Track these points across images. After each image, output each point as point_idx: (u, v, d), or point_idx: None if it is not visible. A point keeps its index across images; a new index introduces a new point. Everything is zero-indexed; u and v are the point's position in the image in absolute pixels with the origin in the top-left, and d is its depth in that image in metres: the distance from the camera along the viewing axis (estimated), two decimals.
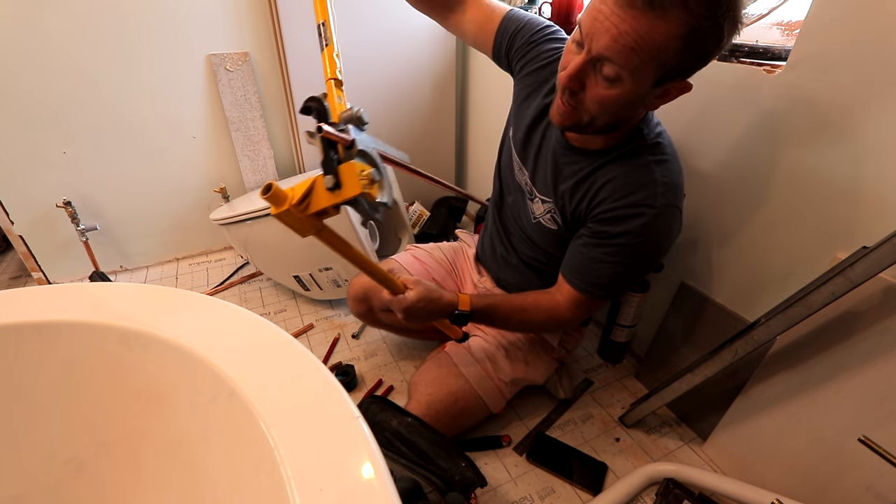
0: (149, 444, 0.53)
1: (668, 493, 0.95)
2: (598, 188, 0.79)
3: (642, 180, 0.75)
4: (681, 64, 0.63)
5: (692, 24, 0.57)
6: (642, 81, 0.64)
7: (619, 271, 0.80)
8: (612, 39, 0.60)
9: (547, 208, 0.90)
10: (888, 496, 0.74)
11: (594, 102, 0.68)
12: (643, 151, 0.76)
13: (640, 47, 0.60)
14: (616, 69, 0.62)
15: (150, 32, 1.45)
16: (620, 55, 0.61)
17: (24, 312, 0.53)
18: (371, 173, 0.60)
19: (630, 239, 0.77)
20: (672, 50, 0.60)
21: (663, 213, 0.75)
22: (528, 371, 1.06)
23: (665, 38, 0.59)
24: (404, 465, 0.78)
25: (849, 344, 0.77)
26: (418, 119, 1.91)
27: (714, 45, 0.61)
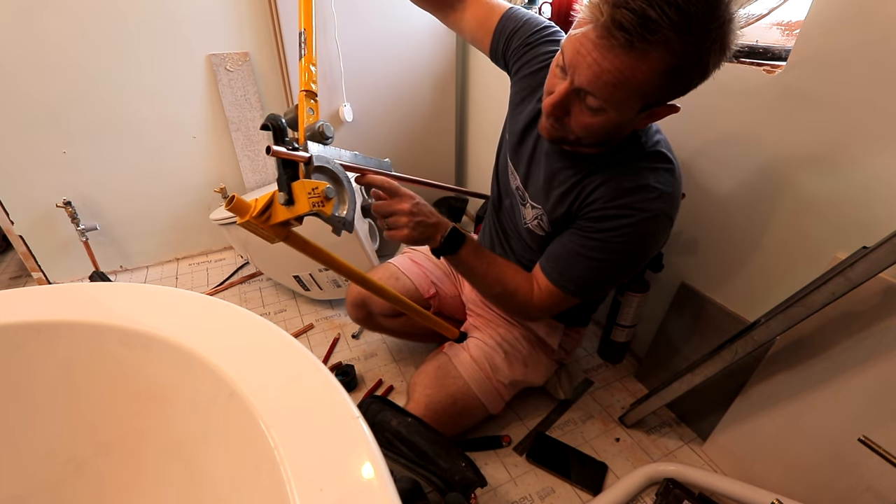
0: (149, 444, 0.53)
1: (668, 493, 0.95)
2: (590, 191, 0.78)
3: (637, 184, 0.74)
4: (666, 95, 0.64)
5: (674, 61, 0.57)
6: (626, 111, 0.65)
7: (595, 268, 0.79)
8: (594, 76, 0.61)
9: (536, 214, 0.89)
10: (888, 496, 0.74)
11: (579, 128, 0.69)
12: (639, 158, 0.76)
13: (621, 84, 0.60)
14: (599, 102, 0.63)
15: (150, 33, 1.45)
16: (603, 91, 0.61)
17: (23, 312, 0.53)
18: (325, 190, 0.62)
19: (612, 236, 0.76)
20: (654, 85, 0.60)
21: (653, 219, 0.74)
22: (527, 373, 1.06)
23: (647, 76, 0.59)
24: (404, 465, 0.78)
25: (849, 344, 0.77)
26: (418, 119, 1.91)
27: (699, 76, 0.61)
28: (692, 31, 0.55)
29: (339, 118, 1.73)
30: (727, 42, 0.59)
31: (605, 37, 0.57)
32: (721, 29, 0.57)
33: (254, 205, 0.63)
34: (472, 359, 1.03)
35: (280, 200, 0.62)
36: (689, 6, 0.54)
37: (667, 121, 1.04)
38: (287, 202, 0.62)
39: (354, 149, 1.66)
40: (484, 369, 1.02)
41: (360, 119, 1.79)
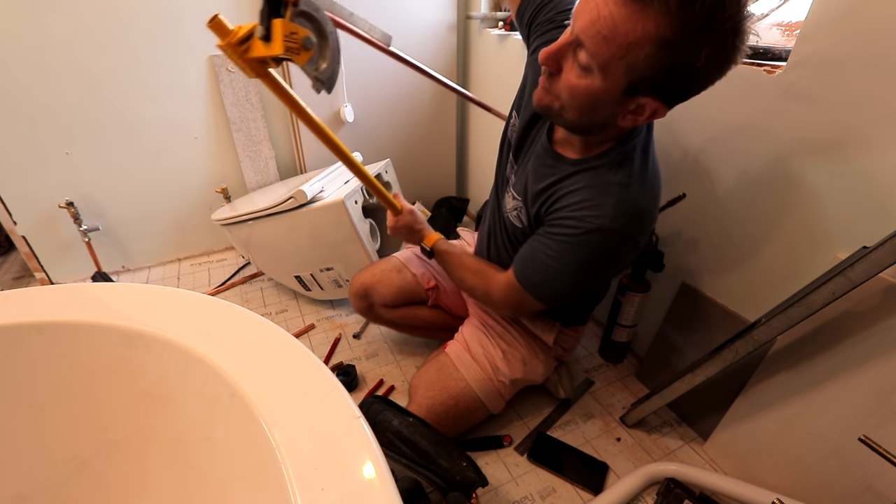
0: (151, 444, 0.54)
1: (669, 493, 0.95)
2: (561, 195, 0.78)
3: (599, 200, 0.73)
4: (652, 74, 0.60)
5: (667, 32, 0.55)
6: (612, 80, 0.62)
7: (553, 275, 0.80)
8: (590, 22, 0.59)
9: (515, 205, 0.90)
10: (888, 496, 0.74)
11: (565, 89, 0.67)
12: (614, 170, 0.74)
13: (612, 37, 0.58)
14: (588, 58, 0.61)
15: (152, 34, 1.45)
16: (593, 41, 0.60)
17: (26, 312, 0.53)
18: (304, 39, 0.58)
19: (568, 247, 0.76)
20: (643, 53, 0.58)
21: (610, 237, 0.74)
22: (527, 371, 1.06)
23: (638, 36, 0.57)
24: (405, 464, 0.78)
25: (849, 344, 0.77)
26: (419, 119, 1.92)
27: (687, 66, 0.58)
28: (695, 7, 0.53)
29: (340, 119, 1.74)
30: (725, 52, 0.57)
31: None
32: (724, 27, 0.55)
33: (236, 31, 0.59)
34: (473, 359, 1.03)
35: (257, 34, 0.58)
36: None
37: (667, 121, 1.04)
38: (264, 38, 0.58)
39: (356, 149, 1.66)
40: (485, 369, 1.02)
41: (361, 120, 1.79)
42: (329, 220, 1.31)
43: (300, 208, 1.31)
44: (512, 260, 0.92)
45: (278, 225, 1.38)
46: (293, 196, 1.28)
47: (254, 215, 1.41)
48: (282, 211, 1.33)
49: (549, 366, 1.11)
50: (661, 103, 0.64)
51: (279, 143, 1.80)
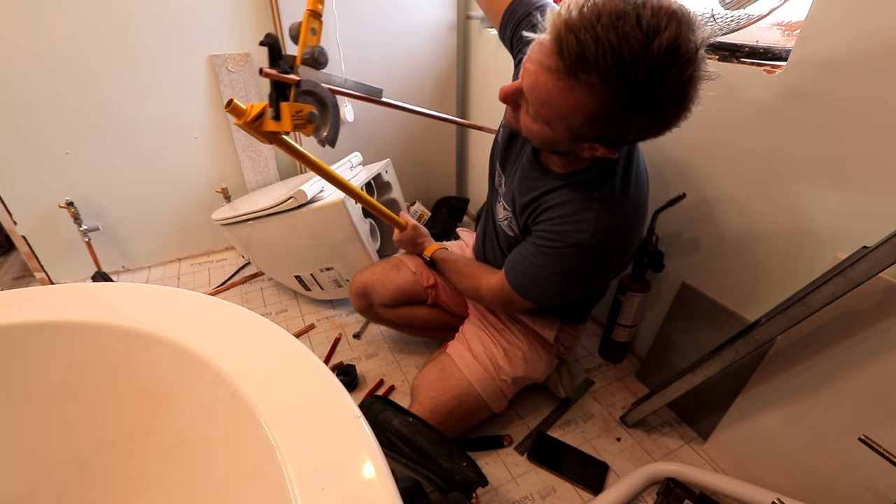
0: (151, 444, 0.54)
1: (669, 493, 0.95)
2: (545, 207, 0.81)
3: (580, 216, 0.75)
4: (593, 135, 0.63)
5: (595, 108, 0.57)
6: (557, 131, 0.65)
7: (541, 279, 0.83)
8: (530, 87, 0.62)
9: (506, 215, 0.93)
10: (888, 496, 0.74)
11: (523, 127, 0.70)
12: (597, 184, 0.76)
13: (549, 104, 0.61)
14: (532, 110, 0.64)
15: (151, 34, 1.45)
16: (533, 105, 0.63)
17: (27, 312, 0.53)
18: (308, 114, 0.70)
19: (551, 258, 0.79)
20: (578, 121, 0.61)
21: (591, 251, 0.76)
22: (529, 369, 1.06)
23: (571, 109, 0.59)
24: (405, 464, 0.78)
25: (849, 344, 0.77)
26: (419, 119, 1.91)
27: (622, 133, 0.61)
28: (623, 87, 0.54)
29: (340, 119, 1.74)
30: (661, 120, 0.59)
31: (547, 54, 0.57)
32: (661, 99, 0.56)
33: (249, 110, 0.68)
34: (475, 358, 1.03)
35: (269, 115, 0.69)
36: (632, 65, 0.52)
37: None
38: (274, 117, 0.69)
39: (356, 149, 1.67)
40: (487, 369, 1.02)
41: (361, 119, 1.79)
42: (329, 219, 1.32)
43: (300, 208, 1.31)
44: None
45: (278, 225, 1.38)
46: (293, 196, 1.28)
47: (254, 215, 1.41)
48: (282, 211, 1.33)
49: (550, 363, 1.12)
50: (608, 148, 0.66)
51: None
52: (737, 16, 0.90)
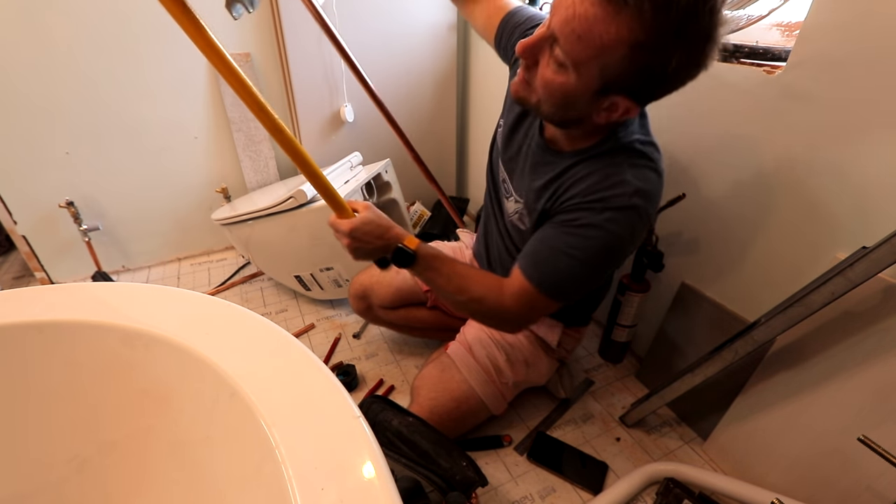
0: (151, 444, 0.54)
1: (669, 493, 0.95)
2: (568, 185, 0.76)
3: (614, 179, 0.72)
4: (625, 77, 0.61)
5: (641, 35, 0.56)
6: (585, 79, 0.62)
7: (573, 265, 0.74)
8: (566, 20, 0.59)
9: (517, 208, 0.89)
10: (888, 495, 0.74)
11: (541, 83, 0.67)
12: (619, 153, 0.74)
13: (586, 37, 0.58)
14: (563, 55, 0.61)
15: (151, 33, 1.45)
16: (568, 40, 0.60)
17: (26, 312, 0.53)
18: None
19: (591, 231, 0.73)
20: (616, 56, 0.58)
21: (630, 214, 0.71)
22: (530, 373, 1.06)
23: (612, 39, 0.57)
24: (405, 464, 0.78)
25: (849, 344, 0.77)
26: (419, 119, 1.92)
27: (659, 69, 0.59)
28: (669, 13, 0.54)
29: (340, 118, 1.74)
30: (695, 57, 0.58)
31: None
32: (697, 33, 0.56)
33: None
34: (476, 360, 1.03)
35: None
36: None
37: (666, 121, 1.04)
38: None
39: (356, 149, 1.66)
40: (487, 371, 1.02)
41: (361, 119, 1.79)
42: None
43: (300, 208, 1.31)
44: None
45: (278, 225, 1.39)
46: (293, 196, 1.28)
47: (254, 215, 1.41)
48: (282, 211, 1.33)
49: (551, 367, 1.11)
50: (633, 102, 0.65)
51: None
52: (736, 16, 0.90)
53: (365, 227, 0.78)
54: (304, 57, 1.59)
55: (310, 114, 1.70)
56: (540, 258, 0.77)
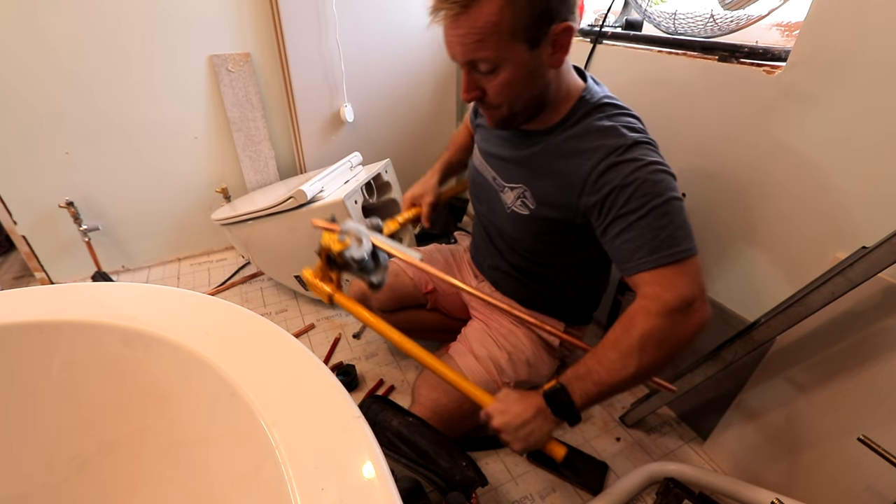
0: (151, 444, 0.54)
1: (669, 493, 0.95)
2: (567, 154, 0.77)
3: (604, 131, 0.74)
4: (531, 18, 0.65)
5: None
6: (515, 54, 0.68)
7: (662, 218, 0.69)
8: (462, 45, 0.68)
9: (517, 194, 0.88)
10: (888, 495, 0.74)
11: (498, 95, 0.73)
12: (592, 112, 0.77)
13: (483, 34, 0.65)
14: (487, 63, 0.69)
15: (151, 34, 1.45)
16: (477, 51, 0.68)
17: (26, 312, 0.53)
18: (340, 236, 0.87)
19: (636, 187, 0.69)
20: (509, 17, 0.64)
21: (639, 146, 0.72)
22: (531, 373, 1.06)
23: (495, 13, 0.64)
24: (405, 464, 0.78)
25: (849, 344, 0.77)
26: (419, 119, 1.92)
27: None
28: None
29: (339, 118, 1.74)
30: None
31: (446, 18, 0.66)
32: None
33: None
34: (477, 360, 1.03)
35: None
36: None
37: (667, 121, 1.04)
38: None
39: (356, 149, 1.66)
40: (489, 371, 1.02)
41: (361, 119, 1.79)
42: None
43: (300, 208, 1.31)
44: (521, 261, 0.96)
45: (278, 225, 1.38)
46: (293, 196, 1.28)
47: (254, 215, 1.41)
48: (282, 211, 1.33)
49: (552, 367, 1.11)
50: (560, 22, 0.68)
51: (279, 143, 1.80)
52: (736, 16, 0.90)
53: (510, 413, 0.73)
54: (304, 57, 1.59)
55: (310, 114, 1.70)
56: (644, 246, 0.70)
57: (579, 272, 0.96)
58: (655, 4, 1.09)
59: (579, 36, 1.31)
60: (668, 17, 1.01)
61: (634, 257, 0.71)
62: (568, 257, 0.93)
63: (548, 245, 0.92)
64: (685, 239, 0.70)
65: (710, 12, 0.92)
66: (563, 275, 0.97)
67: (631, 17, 1.21)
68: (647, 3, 1.05)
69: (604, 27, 1.20)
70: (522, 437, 0.72)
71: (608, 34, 1.20)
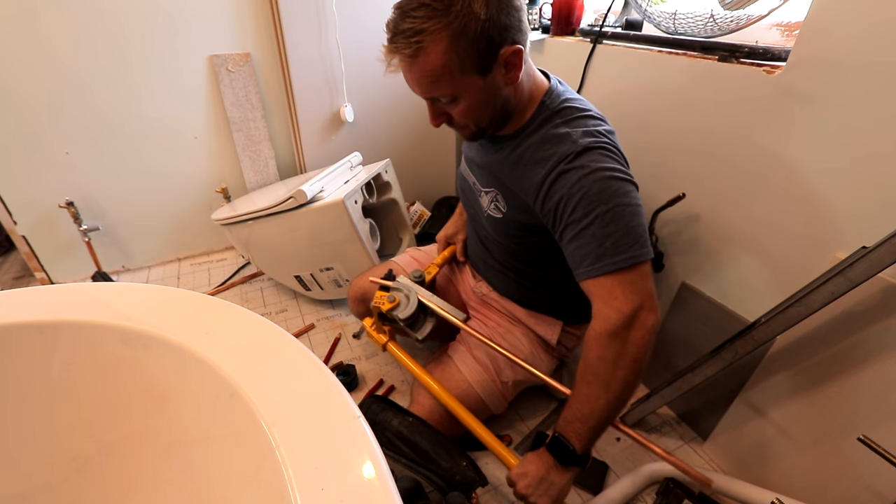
0: (151, 444, 0.54)
1: (669, 493, 0.95)
2: (525, 163, 0.81)
3: (557, 139, 0.77)
4: (476, 53, 0.70)
5: (449, 34, 0.67)
6: (469, 85, 0.73)
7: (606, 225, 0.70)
8: (419, 86, 0.75)
9: (491, 198, 0.93)
10: (888, 495, 0.74)
11: (462, 117, 0.79)
12: (551, 118, 0.80)
13: (436, 77, 0.72)
14: (447, 97, 0.75)
15: (151, 34, 1.45)
16: (434, 90, 0.74)
17: (26, 312, 0.53)
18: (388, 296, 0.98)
19: (582, 195, 0.71)
20: (458, 57, 0.70)
21: (588, 152, 0.73)
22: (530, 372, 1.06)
23: (444, 57, 0.69)
24: (405, 464, 0.78)
25: (849, 344, 0.77)
26: (419, 119, 1.92)
27: (480, 23, 0.67)
28: (438, 9, 0.67)
29: (339, 118, 1.74)
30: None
31: (400, 62, 0.72)
32: None
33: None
34: (476, 360, 1.03)
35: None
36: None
37: (667, 121, 1.04)
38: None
39: (356, 149, 1.67)
40: (487, 370, 1.02)
41: (361, 119, 1.79)
42: (329, 219, 1.32)
43: (300, 208, 1.31)
44: (506, 259, 0.98)
45: (278, 225, 1.39)
46: (293, 196, 1.28)
47: (254, 215, 1.41)
48: (282, 211, 1.33)
49: (551, 366, 1.11)
50: (508, 45, 0.72)
51: (279, 143, 1.80)
52: (736, 16, 0.90)
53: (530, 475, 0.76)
54: (304, 57, 1.59)
55: (310, 114, 1.70)
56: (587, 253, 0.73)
57: (567, 272, 0.96)
58: (655, 4, 1.09)
59: (579, 36, 1.31)
60: (668, 17, 1.01)
61: (583, 264, 0.74)
62: (548, 257, 0.92)
63: (525, 246, 0.94)
64: (632, 245, 0.70)
65: (710, 12, 0.92)
66: (551, 274, 0.98)
67: (631, 17, 1.21)
68: (647, 3, 1.05)
69: (604, 27, 1.20)
70: (544, 492, 0.75)
71: (608, 34, 1.20)
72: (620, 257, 0.70)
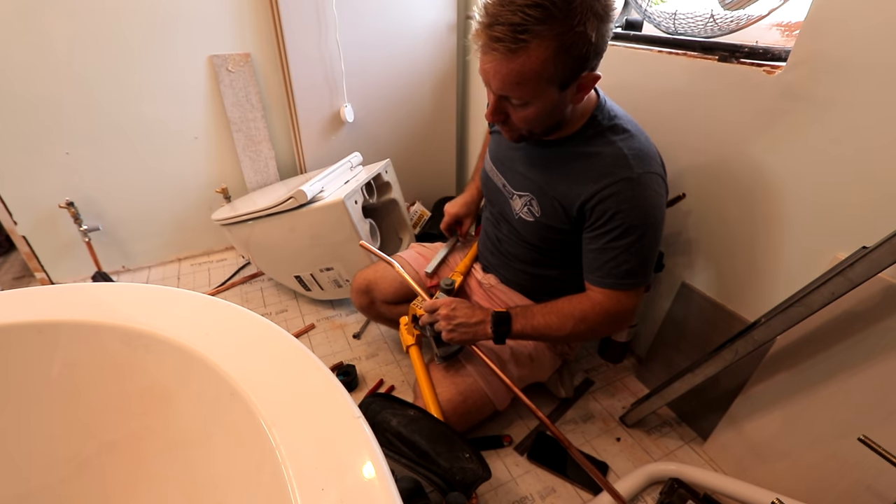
0: (151, 444, 0.54)
1: (673, 493, 0.95)
2: (576, 174, 0.83)
3: (611, 157, 0.80)
4: (570, 70, 0.70)
5: (555, 44, 0.66)
6: (547, 95, 0.73)
7: (634, 252, 0.81)
8: (500, 83, 0.72)
9: (524, 202, 0.93)
10: (888, 495, 0.74)
11: (521, 122, 0.79)
12: (604, 133, 0.82)
13: (523, 81, 0.70)
14: (518, 100, 0.74)
15: (152, 34, 1.45)
16: (513, 91, 0.72)
17: (27, 312, 0.53)
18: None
19: (624, 218, 0.79)
20: (551, 69, 0.69)
21: (642, 181, 0.78)
22: (534, 367, 1.07)
23: (539, 65, 0.68)
24: (405, 464, 0.78)
25: (849, 344, 0.77)
26: (419, 119, 1.92)
27: (585, 46, 0.67)
28: (556, 17, 0.64)
29: (340, 118, 1.74)
30: (597, 10, 0.66)
31: (490, 52, 0.69)
32: (584, 3, 0.65)
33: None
34: (480, 354, 1.03)
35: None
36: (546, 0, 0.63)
37: (667, 121, 1.04)
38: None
39: (356, 149, 1.67)
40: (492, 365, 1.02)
41: (361, 119, 1.79)
42: (329, 220, 1.32)
43: (300, 208, 1.31)
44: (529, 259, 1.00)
45: (278, 225, 1.39)
46: (293, 196, 1.28)
47: (254, 215, 1.41)
48: (282, 211, 1.33)
49: (554, 363, 1.12)
50: (589, 72, 0.73)
51: (279, 143, 1.80)
52: (736, 16, 0.90)
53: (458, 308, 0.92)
54: (304, 57, 1.59)
55: (310, 114, 1.70)
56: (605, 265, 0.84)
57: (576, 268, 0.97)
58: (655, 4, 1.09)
59: None
60: (668, 17, 1.01)
61: (594, 271, 0.86)
62: (571, 257, 0.93)
63: (546, 241, 0.96)
64: (641, 274, 0.83)
65: (710, 12, 0.92)
66: (567, 270, 0.98)
67: (631, 17, 1.21)
68: (647, 3, 1.05)
69: None
70: (457, 330, 0.90)
71: None
72: (627, 282, 0.83)
